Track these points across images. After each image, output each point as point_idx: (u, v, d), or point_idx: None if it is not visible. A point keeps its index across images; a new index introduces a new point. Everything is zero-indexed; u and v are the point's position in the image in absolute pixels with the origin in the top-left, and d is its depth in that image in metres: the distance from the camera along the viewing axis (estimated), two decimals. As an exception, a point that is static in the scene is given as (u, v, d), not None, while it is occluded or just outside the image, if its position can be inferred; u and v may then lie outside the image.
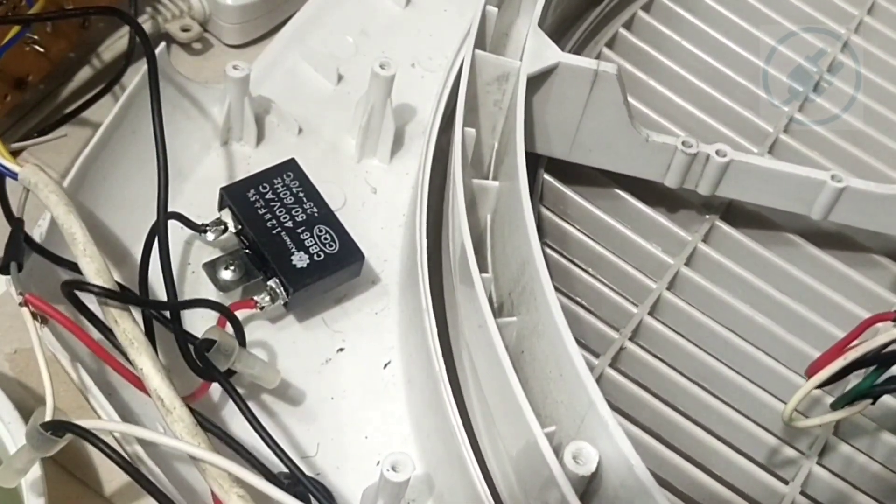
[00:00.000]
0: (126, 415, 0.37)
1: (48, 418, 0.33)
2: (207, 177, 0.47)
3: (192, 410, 0.35)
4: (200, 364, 0.37)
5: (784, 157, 0.52)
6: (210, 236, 0.43)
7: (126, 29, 0.51)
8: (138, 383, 0.35)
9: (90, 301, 0.37)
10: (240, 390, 0.38)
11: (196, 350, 0.37)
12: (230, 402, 0.38)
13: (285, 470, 0.36)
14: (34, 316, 0.35)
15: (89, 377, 0.37)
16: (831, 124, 0.54)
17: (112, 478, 0.39)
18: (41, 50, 0.47)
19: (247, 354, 0.39)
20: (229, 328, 0.39)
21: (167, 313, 0.39)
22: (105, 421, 0.33)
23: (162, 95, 0.46)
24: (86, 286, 0.35)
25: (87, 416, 0.39)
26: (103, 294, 0.35)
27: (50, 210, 0.37)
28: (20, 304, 0.35)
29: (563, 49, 0.46)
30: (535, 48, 0.45)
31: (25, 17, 0.44)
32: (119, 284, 0.37)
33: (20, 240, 0.38)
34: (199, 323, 0.42)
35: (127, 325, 0.35)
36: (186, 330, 0.39)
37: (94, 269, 0.35)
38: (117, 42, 0.52)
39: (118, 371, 0.36)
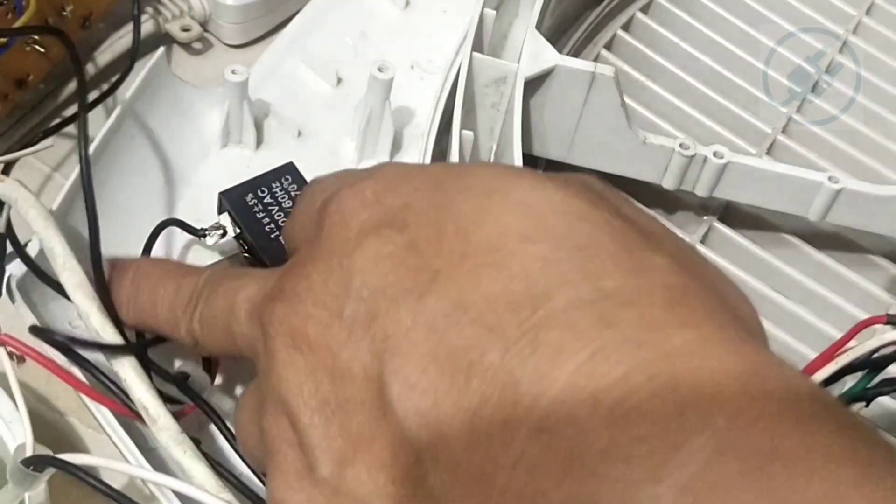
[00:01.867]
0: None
1: (28, 454, 0.33)
2: (207, 180, 0.47)
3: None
4: (183, 392, 0.37)
5: (782, 159, 0.52)
6: (209, 241, 0.43)
7: (128, 28, 0.51)
8: (125, 411, 0.35)
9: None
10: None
11: (174, 379, 0.37)
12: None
13: None
14: (11, 355, 0.35)
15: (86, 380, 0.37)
16: (830, 125, 0.55)
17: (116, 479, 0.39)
18: (41, 50, 0.47)
19: (218, 393, 0.39)
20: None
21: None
22: (84, 455, 0.33)
23: (161, 99, 0.47)
24: (52, 337, 0.35)
25: (86, 416, 0.40)
26: (70, 343, 0.35)
27: (30, 225, 0.37)
28: None
29: (561, 51, 0.46)
30: (532, 51, 0.45)
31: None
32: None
33: (2, 259, 0.38)
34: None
35: (109, 338, 0.35)
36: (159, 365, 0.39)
37: (75, 283, 0.35)
38: (117, 42, 0.52)
39: (103, 403, 0.36)
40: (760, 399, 0.20)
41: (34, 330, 0.36)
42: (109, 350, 0.35)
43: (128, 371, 0.34)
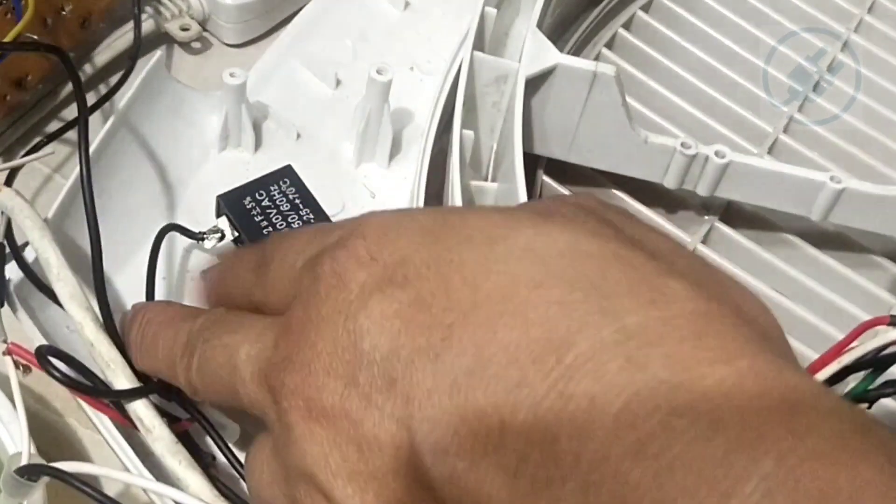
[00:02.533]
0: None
1: (24, 463, 0.33)
2: (206, 183, 0.47)
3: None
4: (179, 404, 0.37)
5: (783, 158, 0.52)
6: (208, 244, 0.43)
7: (128, 27, 0.51)
8: (124, 421, 0.35)
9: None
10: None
11: (174, 390, 0.37)
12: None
13: None
14: (17, 364, 0.35)
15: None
16: (831, 124, 0.54)
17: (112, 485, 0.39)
18: (41, 50, 0.47)
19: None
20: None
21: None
22: (80, 463, 0.33)
23: (159, 102, 0.46)
24: (54, 371, 0.35)
25: (84, 418, 0.39)
26: (67, 384, 0.35)
27: (25, 234, 0.37)
28: (3, 353, 0.35)
29: (562, 50, 0.46)
30: (533, 50, 0.45)
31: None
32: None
33: (2, 268, 0.38)
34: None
35: (103, 348, 0.35)
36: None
37: (68, 294, 0.35)
38: (116, 42, 0.52)
39: (102, 411, 0.36)
40: (806, 436, 0.20)
41: (40, 352, 0.35)
42: (120, 395, 0.35)
43: (122, 382, 0.34)
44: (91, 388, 0.35)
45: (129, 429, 0.37)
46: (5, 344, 0.35)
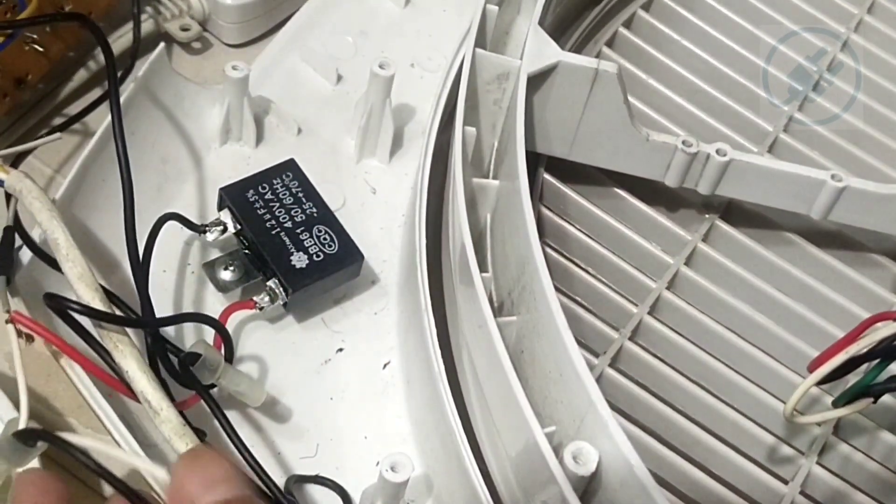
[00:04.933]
0: (125, 414, 0.37)
1: (22, 427, 0.33)
2: (207, 177, 0.47)
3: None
4: (183, 375, 0.37)
5: (784, 157, 0.52)
6: (210, 237, 0.43)
7: (128, 27, 0.51)
8: (130, 393, 0.35)
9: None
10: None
11: (180, 362, 0.37)
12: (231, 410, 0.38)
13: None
14: (19, 333, 0.35)
15: (88, 378, 0.37)
16: (831, 124, 0.54)
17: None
18: (40, 49, 0.47)
19: (232, 371, 0.39)
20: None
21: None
22: (77, 435, 0.32)
23: (161, 96, 0.46)
24: (67, 303, 0.35)
25: (87, 416, 0.39)
26: (85, 313, 0.35)
27: (34, 216, 0.37)
28: (6, 322, 0.35)
29: (563, 48, 0.46)
30: (535, 47, 0.45)
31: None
32: (106, 290, 0.36)
33: (10, 249, 0.38)
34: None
35: (111, 328, 0.34)
36: (173, 343, 0.39)
37: (77, 274, 0.35)
38: (117, 41, 0.52)
39: (109, 384, 0.35)
40: None
41: (48, 298, 0.35)
42: (124, 322, 0.35)
43: (130, 363, 0.34)
44: (100, 312, 0.35)
45: (130, 420, 0.37)
46: (8, 314, 0.35)
